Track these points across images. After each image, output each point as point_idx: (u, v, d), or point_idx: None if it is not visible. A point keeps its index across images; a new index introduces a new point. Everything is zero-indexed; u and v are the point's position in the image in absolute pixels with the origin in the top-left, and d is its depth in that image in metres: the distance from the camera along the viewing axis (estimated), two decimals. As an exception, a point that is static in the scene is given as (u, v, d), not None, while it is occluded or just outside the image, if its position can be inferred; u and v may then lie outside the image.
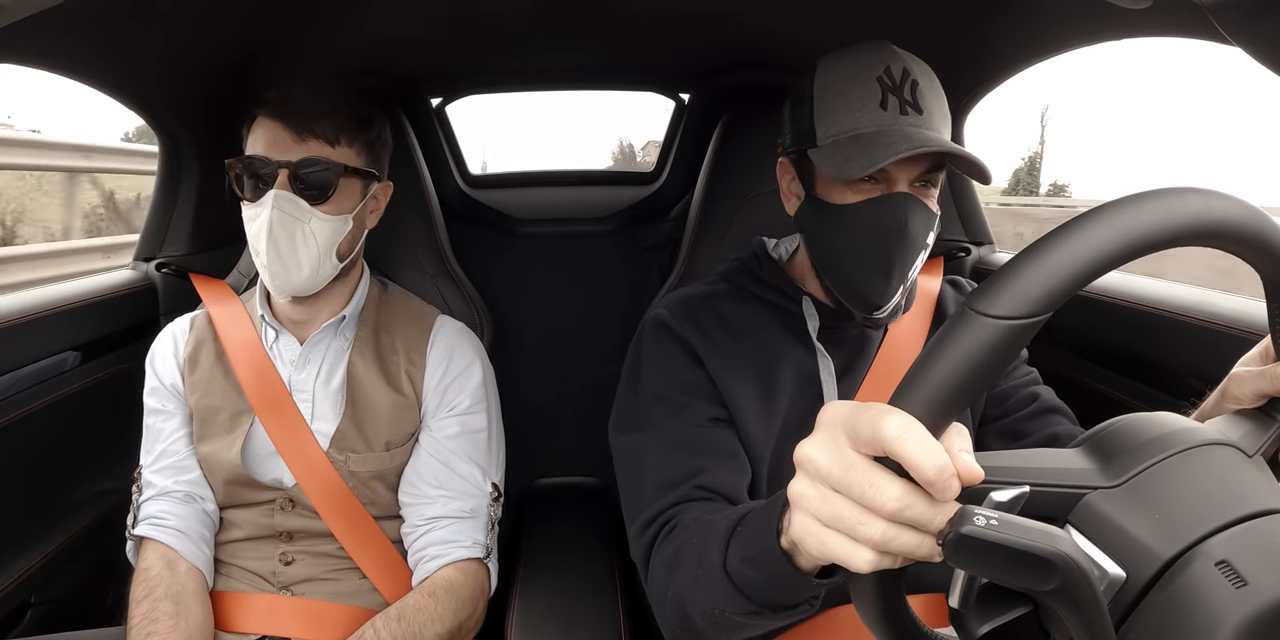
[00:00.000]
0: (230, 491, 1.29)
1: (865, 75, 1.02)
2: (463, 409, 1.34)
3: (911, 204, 1.01)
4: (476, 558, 1.27)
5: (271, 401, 1.29)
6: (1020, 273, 0.50)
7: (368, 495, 1.29)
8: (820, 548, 0.55)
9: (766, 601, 0.76)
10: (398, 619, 1.17)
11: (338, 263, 1.28)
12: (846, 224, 1.04)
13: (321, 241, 1.23)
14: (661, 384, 1.11)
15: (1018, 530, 0.46)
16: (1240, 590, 0.46)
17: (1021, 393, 1.17)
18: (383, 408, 1.30)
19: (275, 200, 1.19)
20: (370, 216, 1.34)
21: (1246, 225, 0.54)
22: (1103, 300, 1.38)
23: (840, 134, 1.02)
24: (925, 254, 1.06)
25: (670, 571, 0.91)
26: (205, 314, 1.40)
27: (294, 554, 1.28)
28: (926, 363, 0.51)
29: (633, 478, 1.07)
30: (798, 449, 0.56)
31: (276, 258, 1.21)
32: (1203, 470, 0.54)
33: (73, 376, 1.49)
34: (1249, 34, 0.68)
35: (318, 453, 1.28)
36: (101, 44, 1.32)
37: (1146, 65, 37.49)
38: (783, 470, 1.09)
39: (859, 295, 1.06)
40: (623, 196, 2.29)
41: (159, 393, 1.34)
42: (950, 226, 1.80)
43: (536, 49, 1.88)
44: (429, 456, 1.31)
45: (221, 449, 1.28)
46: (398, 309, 1.40)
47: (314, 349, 1.33)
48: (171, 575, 1.21)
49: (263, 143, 1.21)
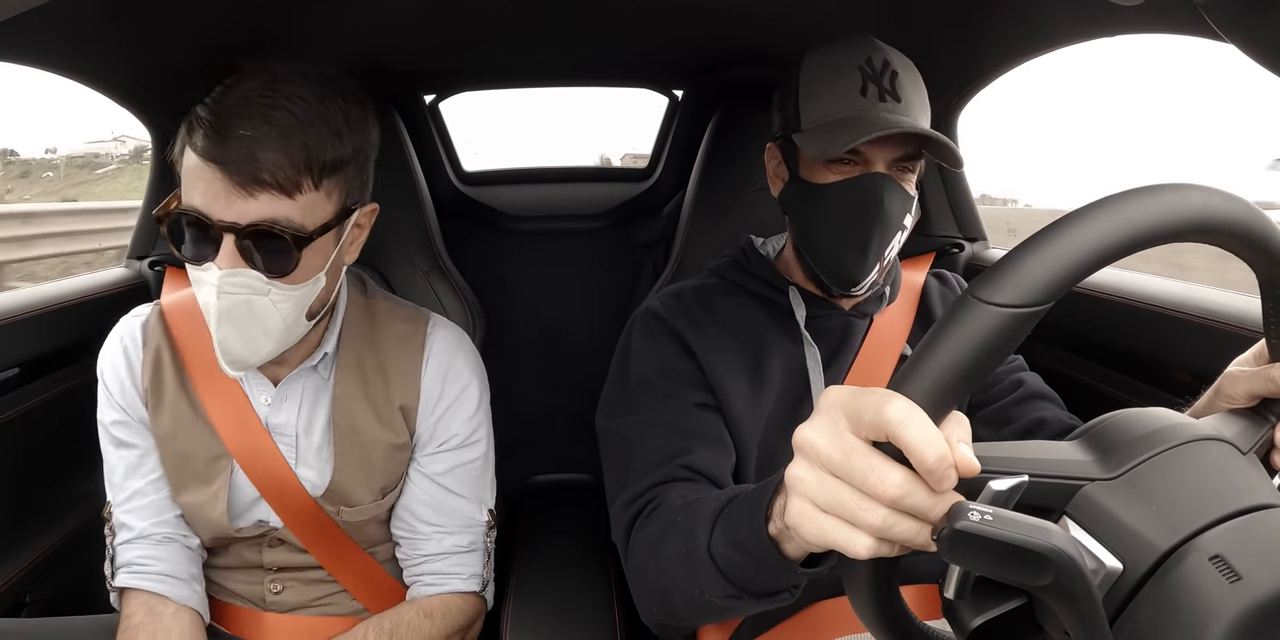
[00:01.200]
0: (215, 536, 1.20)
1: (848, 64, 1.08)
2: (456, 444, 1.22)
3: (887, 183, 1.07)
4: (474, 591, 1.24)
5: (249, 443, 1.14)
6: (1023, 261, 0.50)
7: (358, 536, 1.23)
8: (818, 533, 0.55)
9: (748, 586, 0.77)
10: (390, 634, 1.14)
11: (308, 323, 1.07)
12: (827, 202, 1.09)
13: (286, 312, 1.01)
14: (651, 372, 1.13)
15: (1012, 526, 0.46)
16: (1234, 584, 0.46)
17: (1007, 379, 1.20)
18: (377, 453, 1.17)
19: (220, 284, 0.95)
20: (350, 250, 1.09)
21: (1246, 224, 0.54)
22: (1095, 295, 1.39)
23: (823, 119, 1.08)
24: (903, 235, 1.11)
25: (653, 550, 0.91)
26: (157, 317, 1.20)
27: (284, 581, 1.23)
28: (928, 349, 0.51)
29: (617, 459, 1.09)
30: (797, 432, 0.55)
31: (233, 334, 0.99)
32: (1199, 464, 0.54)
33: (65, 374, 1.48)
34: (1242, 30, 0.68)
35: (305, 499, 1.16)
36: (92, 41, 1.32)
37: (1084, 71, 37.38)
38: (771, 456, 1.11)
39: (838, 271, 1.11)
40: (616, 193, 2.30)
41: (128, 426, 1.18)
42: (944, 222, 1.81)
43: (530, 45, 1.88)
44: (422, 493, 1.21)
45: (205, 503, 1.15)
46: (384, 320, 1.22)
47: (290, 387, 1.16)
48: (155, 622, 1.12)
49: (198, 192, 0.94)
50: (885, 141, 1.05)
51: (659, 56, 2.05)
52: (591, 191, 2.35)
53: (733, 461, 1.08)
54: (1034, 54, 1.45)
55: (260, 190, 0.92)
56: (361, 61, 1.86)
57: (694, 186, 1.63)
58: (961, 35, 1.49)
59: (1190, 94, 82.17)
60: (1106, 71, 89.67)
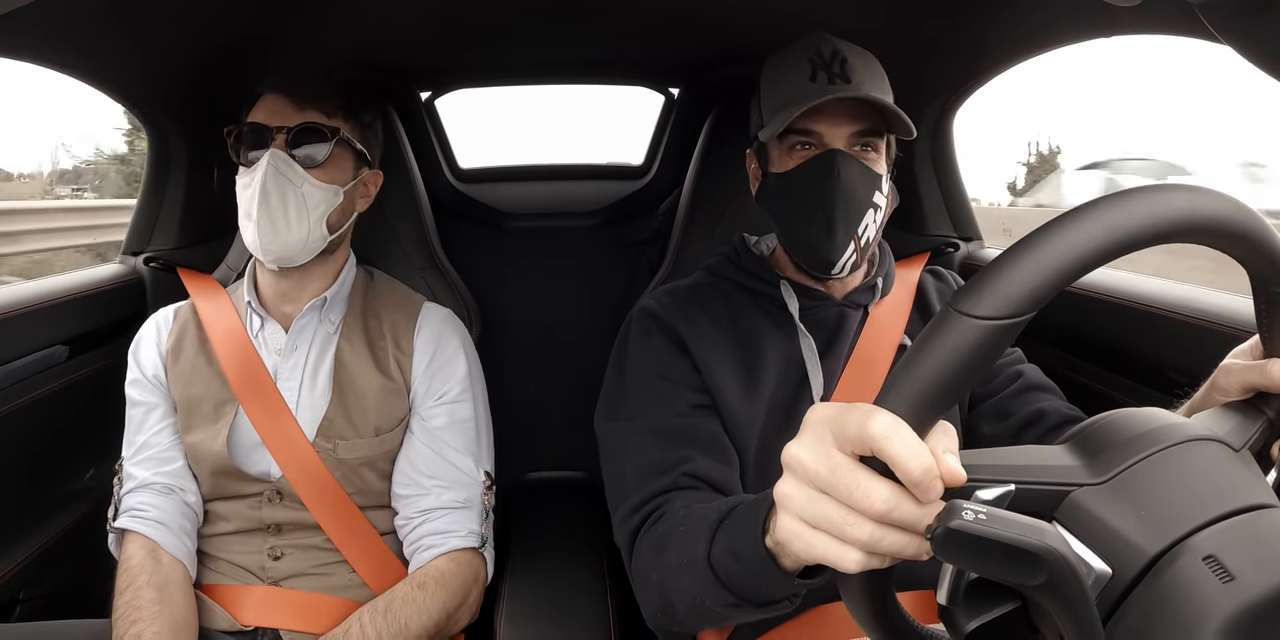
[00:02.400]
0: (217, 483, 1.28)
1: (797, 58, 1.12)
2: (451, 397, 1.34)
3: (842, 158, 1.09)
4: (472, 547, 1.28)
5: (254, 389, 1.29)
6: (1003, 273, 0.50)
7: (356, 484, 1.29)
8: (807, 549, 0.55)
9: (747, 596, 0.78)
10: (385, 613, 1.17)
11: (327, 234, 1.28)
12: (791, 186, 1.13)
13: (313, 207, 1.24)
14: (647, 371, 1.14)
15: (1005, 524, 0.46)
16: (1227, 585, 0.46)
17: (1006, 372, 1.21)
18: (371, 393, 1.30)
19: (271, 159, 1.21)
20: (360, 200, 1.36)
21: (1233, 221, 0.54)
22: (1090, 296, 1.39)
23: (776, 108, 1.11)
24: (877, 214, 1.12)
25: (656, 556, 0.93)
26: (190, 304, 1.40)
27: (282, 548, 1.28)
28: (911, 363, 0.51)
29: (617, 464, 1.10)
30: (785, 450, 0.56)
31: (267, 219, 1.22)
32: (1189, 466, 0.54)
33: (60, 371, 1.48)
34: (1239, 32, 0.68)
35: (303, 443, 1.27)
36: (88, 38, 1.31)
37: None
38: (771, 450, 1.11)
39: (813, 254, 1.13)
40: (612, 191, 2.29)
41: (140, 384, 1.33)
42: (939, 222, 1.81)
43: (526, 42, 1.88)
44: (422, 446, 1.31)
45: (207, 439, 1.27)
46: (384, 294, 1.41)
47: (300, 335, 1.32)
48: (154, 565, 1.20)
49: (263, 112, 1.25)
50: (838, 118, 1.09)
51: (655, 55, 2.05)
52: (587, 189, 2.35)
53: (736, 468, 1.09)
54: (1031, 54, 1.45)
55: (310, 107, 1.25)
56: (357, 58, 1.85)
57: (690, 184, 1.63)
58: (958, 34, 1.49)
59: (1172, 93, 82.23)
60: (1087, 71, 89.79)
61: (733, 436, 1.11)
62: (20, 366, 1.39)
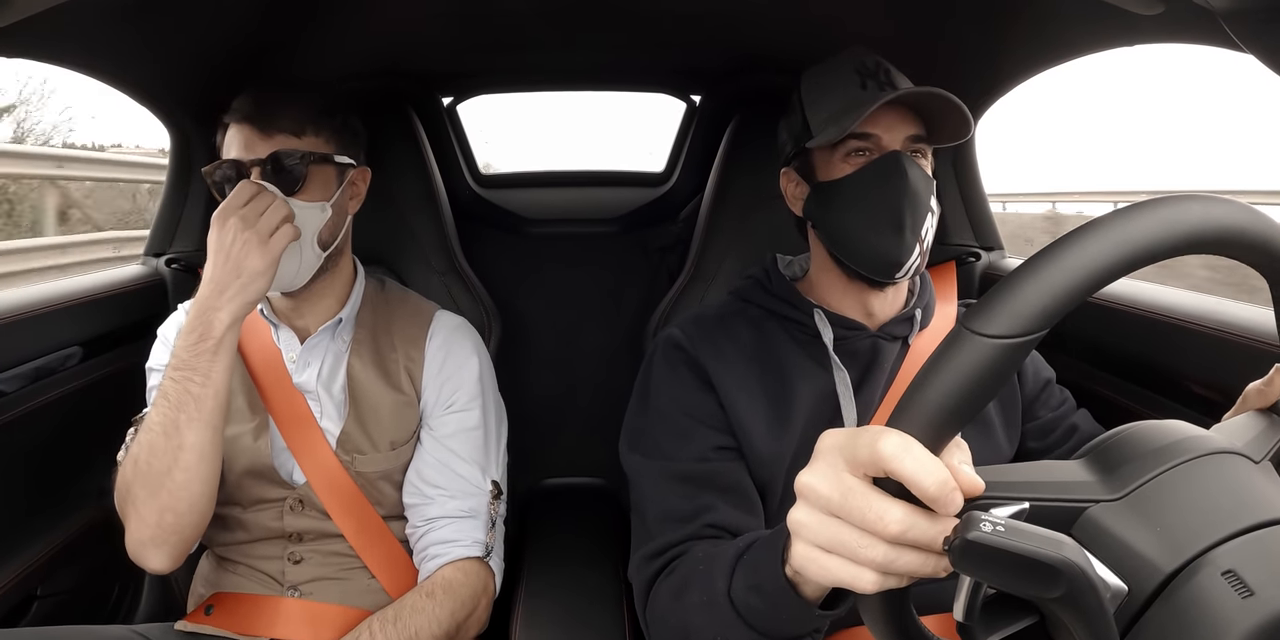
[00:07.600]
0: (241, 484, 1.27)
1: (845, 68, 1.11)
2: (460, 405, 1.33)
3: (905, 158, 1.06)
4: (476, 556, 1.27)
5: (281, 394, 1.29)
6: (1015, 291, 0.50)
7: (375, 495, 1.29)
8: (823, 573, 0.55)
9: (768, 631, 0.77)
10: (395, 621, 1.17)
11: (320, 252, 1.25)
12: (853, 190, 1.09)
13: (300, 227, 1.21)
14: (670, 406, 1.12)
15: (1024, 537, 0.46)
16: (1247, 600, 0.45)
17: (1063, 425, 1.20)
18: (385, 408, 1.30)
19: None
20: (350, 203, 1.33)
21: (1249, 230, 0.53)
22: (1114, 308, 1.38)
23: (834, 116, 1.09)
24: (933, 219, 1.09)
25: (675, 599, 0.92)
26: None
27: (303, 553, 1.28)
28: (923, 383, 0.51)
29: (639, 500, 1.10)
30: (797, 478, 0.56)
31: None
32: (1208, 480, 0.53)
33: (81, 371, 1.49)
34: (1262, 41, 0.68)
35: (327, 452, 1.27)
36: (112, 40, 1.33)
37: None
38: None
39: (879, 257, 1.08)
40: (633, 197, 2.30)
41: (160, 372, 1.29)
42: (960, 232, 1.80)
43: (546, 48, 1.89)
44: (428, 456, 1.31)
45: (245, 434, 1.27)
46: (395, 306, 1.40)
47: (312, 351, 1.32)
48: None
49: (235, 146, 1.22)
50: (895, 119, 1.07)
51: (677, 62, 2.06)
52: (608, 195, 2.35)
53: (760, 517, 1.07)
54: (1053, 63, 1.44)
55: (276, 132, 1.22)
56: (380, 64, 1.87)
57: (711, 191, 1.62)
58: (981, 44, 1.48)
59: (1191, 104, 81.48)
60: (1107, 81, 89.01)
61: (758, 474, 1.09)
62: (41, 366, 1.40)
